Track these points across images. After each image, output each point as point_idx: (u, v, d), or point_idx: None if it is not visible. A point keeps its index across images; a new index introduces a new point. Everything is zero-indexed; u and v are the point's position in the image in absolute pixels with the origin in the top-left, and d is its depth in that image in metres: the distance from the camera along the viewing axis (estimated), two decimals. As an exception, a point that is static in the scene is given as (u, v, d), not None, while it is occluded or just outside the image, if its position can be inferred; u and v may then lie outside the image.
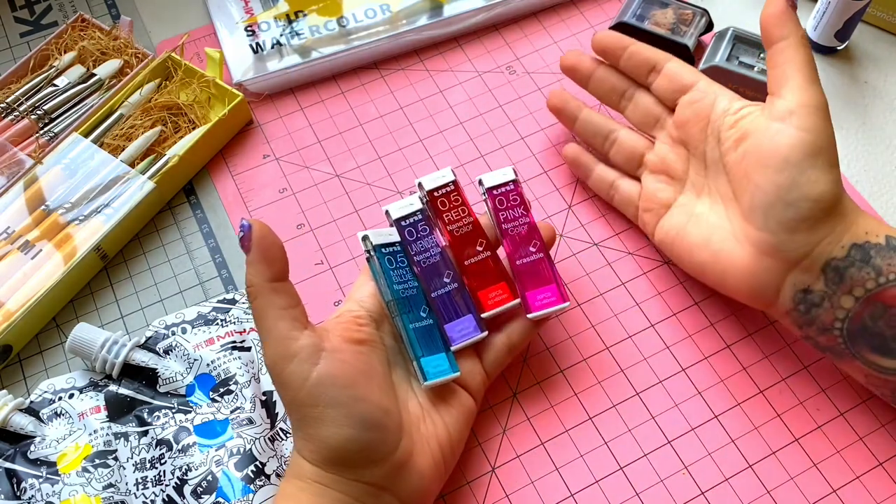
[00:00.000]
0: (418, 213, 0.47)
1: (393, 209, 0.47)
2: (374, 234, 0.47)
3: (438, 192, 0.48)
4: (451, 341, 0.45)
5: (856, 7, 0.58)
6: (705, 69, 0.59)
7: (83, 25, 0.63)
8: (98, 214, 0.54)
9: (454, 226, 0.47)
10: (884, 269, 0.42)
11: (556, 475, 0.47)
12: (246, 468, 0.46)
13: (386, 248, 0.46)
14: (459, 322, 0.46)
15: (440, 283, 0.46)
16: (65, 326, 0.53)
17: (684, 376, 0.50)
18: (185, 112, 0.59)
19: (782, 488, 0.46)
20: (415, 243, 0.47)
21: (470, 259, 0.47)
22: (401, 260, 0.47)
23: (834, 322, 0.43)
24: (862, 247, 0.42)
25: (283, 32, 0.62)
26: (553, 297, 0.47)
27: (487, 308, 0.46)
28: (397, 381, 0.45)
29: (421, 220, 0.47)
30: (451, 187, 0.48)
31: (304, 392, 0.39)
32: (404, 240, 0.47)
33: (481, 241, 0.47)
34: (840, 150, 0.57)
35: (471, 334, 0.46)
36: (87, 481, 0.46)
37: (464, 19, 0.63)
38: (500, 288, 0.47)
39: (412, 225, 0.47)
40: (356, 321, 0.44)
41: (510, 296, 0.47)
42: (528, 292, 0.47)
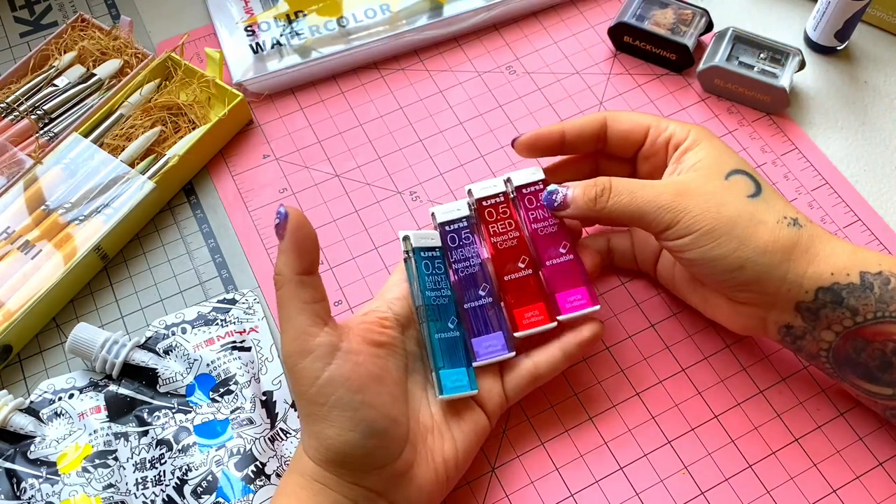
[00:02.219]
0: (464, 219, 0.47)
1: (439, 212, 0.47)
2: (416, 236, 0.46)
3: (487, 202, 0.47)
4: (476, 356, 0.45)
5: (856, 7, 0.58)
6: (705, 69, 0.59)
7: (83, 25, 0.63)
8: (98, 214, 0.54)
9: (499, 238, 0.46)
10: (860, 309, 0.41)
11: (556, 475, 0.47)
12: (246, 468, 0.46)
13: (425, 251, 0.46)
14: (488, 338, 0.45)
15: (475, 295, 0.45)
16: (65, 326, 0.53)
17: (684, 376, 0.50)
18: (185, 112, 0.59)
19: (782, 488, 0.46)
20: (456, 250, 0.46)
21: (510, 275, 0.46)
22: (438, 266, 0.46)
23: (819, 352, 0.44)
24: (830, 289, 0.42)
25: (283, 32, 0.62)
26: (583, 299, 0.46)
27: (522, 327, 0.45)
28: (412, 388, 0.44)
29: (466, 227, 0.47)
30: (502, 198, 0.47)
31: (315, 390, 0.39)
32: (445, 245, 0.46)
33: (524, 259, 0.46)
34: (840, 150, 0.58)
35: (498, 352, 0.45)
36: (87, 481, 0.46)
37: (464, 19, 0.63)
38: (537, 308, 0.45)
39: (456, 231, 0.46)
40: (381, 322, 0.44)
41: (547, 318, 0.45)
42: (558, 294, 0.46)
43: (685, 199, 0.43)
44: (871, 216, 0.55)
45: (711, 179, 0.43)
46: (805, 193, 0.56)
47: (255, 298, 0.53)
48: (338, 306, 0.53)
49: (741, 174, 0.44)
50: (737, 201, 0.43)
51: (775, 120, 0.59)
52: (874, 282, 0.41)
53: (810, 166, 0.57)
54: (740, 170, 0.44)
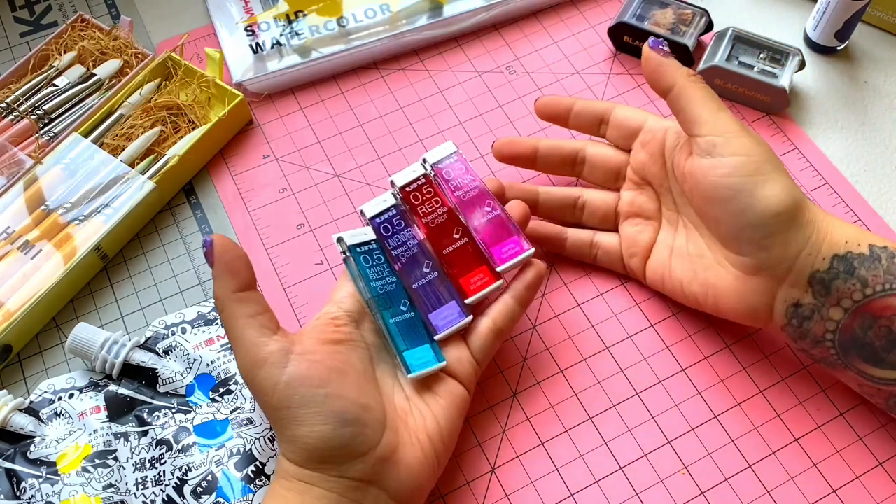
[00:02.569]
0: (392, 208, 0.48)
1: (367, 208, 0.48)
2: (349, 235, 0.47)
3: (411, 187, 0.48)
4: (437, 329, 0.45)
5: (856, 7, 0.58)
6: (705, 69, 0.59)
7: (83, 25, 0.63)
8: (98, 214, 0.54)
9: (429, 217, 0.48)
10: (869, 280, 0.42)
11: (556, 475, 0.47)
12: (246, 468, 0.46)
13: (361, 247, 0.47)
14: (443, 310, 0.46)
15: (420, 274, 0.46)
16: (65, 326, 0.53)
17: (684, 376, 0.50)
18: (185, 112, 0.59)
19: (782, 488, 0.46)
20: (391, 238, 0.47)
21: (448, 248, 0.47)
22: (377, 257, 0.47)
23: (825, 334, 0.44)
24: (844, 258, 0.42)
25: (283, 32, 0.62)
26: (517, 246, 0.47)
27: (470, 293, 0.46)
28: (382, 376, 0.45)
29: (395, 214, 0.47)
30: (423, 180, 0.49)
31: (277, 396, 0.40)
32: (380, 236, 0.47)
33: (457, 229, 0.47)
34: (840, 150, 0.58)
35: (455, 320, 0.46)
36: (87, 481, 0.46)
37: (464, 19, 0.63)
38: (480, 272, 0.47)
39: (387, 221, 0.47)
40: (333, 322, 0.44)
41: (491, 278, 0.47)
42: (491, 248, 0.47)
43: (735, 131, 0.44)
44: (871, 216, 0.55)
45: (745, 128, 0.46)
46: (805, 193, 0.56)
47: (254, 298, 0.53)
48: (338, 306, 0.53)
49: None
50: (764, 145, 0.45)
51: (775, 120, 0.59)
52: (881, 254, 0.42)
53: (810, 166, 0.57)
54: None
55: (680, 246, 0.49)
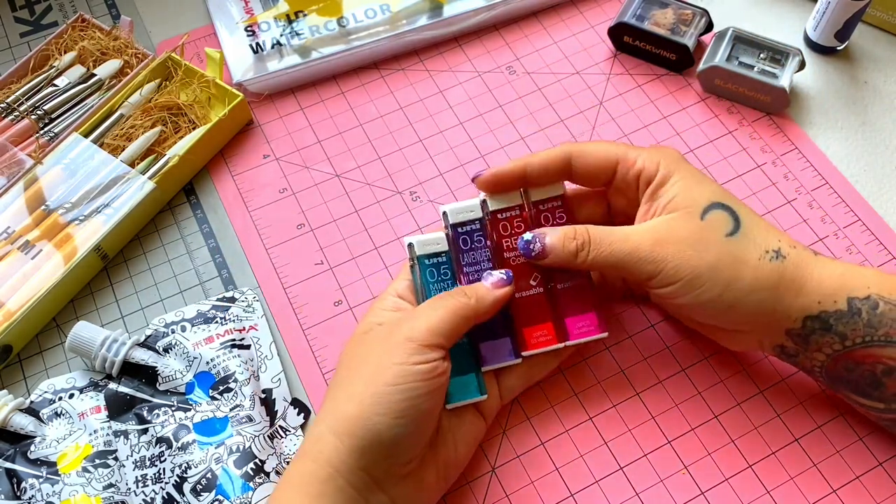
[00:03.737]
0: (477, 221, 0.46)
1: (451, 212, 0.46)
2: (420, 243, 0.45)
3: (503, 215, 0.46)
4: (484, 361, 0.45)
5: (856, 7, 0.58)
6: (705, 69, 0.59)
7: (83, 25, 0.63)
8: (98, 214, 0.54)
9: (512, 254, 0.46)
10: (848, 334, 0.42)
11: (556, 475, 0.47)
12: (245, 466, 0.46)
13: (430, 258, 0.46)
14: (496, 343, 0.45)
15: None
16: (65, 326, 0.53)
17: (684, 376, 0.50)
18: (185, 112, 0.59)
19: (782, 488, 0.46)
20: (467, 253, 0.46)
21: (521, 293, 0.46)
22: (444, 272, 0.46)
23: (813, 367, 0.44)
24: (818, 317, 0.42)
25: (283, 32, 0.62)
26: (591, 325, 0.46)
27: (530, 347, 0.45)
28: None
29: (478, 229, 0.46)
30: (518, 212, 0.47)
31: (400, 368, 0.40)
32: (457, 248, 0.46)
33: (535, 276, 0.46)
34: (840, 150, 0.58)
35: (505, 358, 0.45)
36: (88, 481, 0.46)
37: (464, 19, 0.63)
38: (545, 328, 0.46)
39: (468, 234, 0.46)
40: None
41: (554, 339, 0.46)
42: (567, 318, 0.46)
43: (664, 247, 0.42)
44: (871, 216, 0.55)
45: (687, 221, 0.43)
46: (805, 193, 0.56)
47: (254, 296, 0.53)
48: (338, 306, 0.53)
49: (718, 209, 0.43)
50: (716, 243, 0.42)
51: (775, 120, 0.59)
52: (861, 307, 0.42)
53: (810, 166, 0.57)
54: (716, 203, 0.43)
55: None
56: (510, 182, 0.47)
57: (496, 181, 0.47)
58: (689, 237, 0.42)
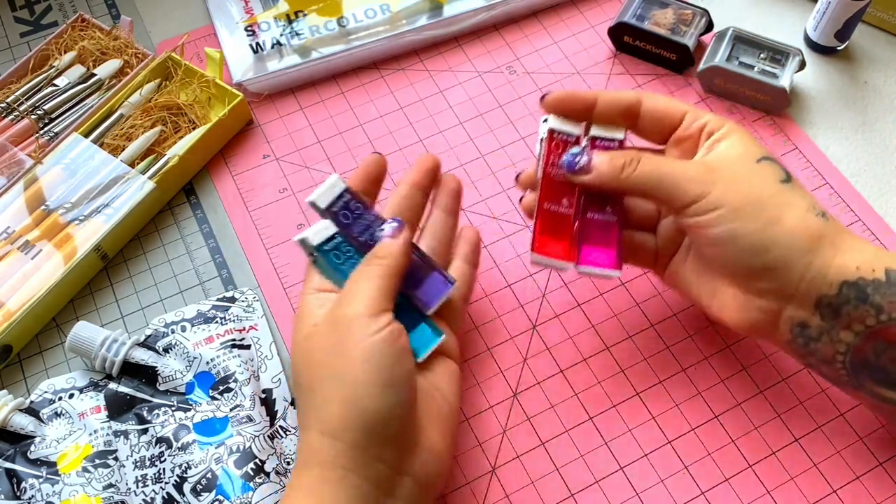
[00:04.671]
0: (345, 193, 0.45)
1: (319, 199, 0.45)
2: (311, 234, 0.44)
3: (558, 136, 0.46)
4: (427, 305, 0.44)
5: (856, 7, 0.58)
6: (705, 69, 0.59)
7: (83, 25, 0.63)
8: (98, 214, 0.54)
9: (555, 169, 0.46)
10: (885, 306, 0.39)
11: (556, 475, 0.47)
12: (245, 466, 0.46)
13: (327, 243, 0.44)
14: (426, 283, 0.45)
15: None
16: (65, 326, 0.53)
17: (684, 376, 0.50)
18: (185, 112, 0.59)
19: (782, 488, 0.46)
20: (354, 224, 0.45)
21: (550, 205, 0.45)
22: (346, 250, 0.45)
23: (835, 355, 0.41)
24: (855, 284, 0.40)
25: (283, 32, 0.62)
26: (607, 260, 0.45)
27: (539, 251, 0.45)
28: None
29: (350, 199, 0.45)
30: (574, 139, 0.46)
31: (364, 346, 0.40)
32: (340, 225, 0.45)
33: (570, 200, 0.46)
34: (840, 150, 0.58)
35: (441, 290, 0.45)
36: (88, 481, 0.46)
37: (464, 19, 0.63)
38: (561, 245, 0.45)
39: (345, 207, 0.45)
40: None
41: (565, 257, 0.45)
42: (584, 245, 0.45)
43: (716, 174, 0.42)
44: (871, 216, 0.55)
45: (743, 161, 0.43)
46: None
47: (254, 296, 0.53)
48: (338, 306, 0.53)
49: (772, 162, 0.43)
50: (768, 183, 0.42)
51: (775, 120, 0.59)
52: None
53: (810, 166, 0.57)
54: (771, 158, 0.43)
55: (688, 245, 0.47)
56: (577, 106, 0.46)
57: (564, 101, 0.46)
58: (742, 171, 0.42)
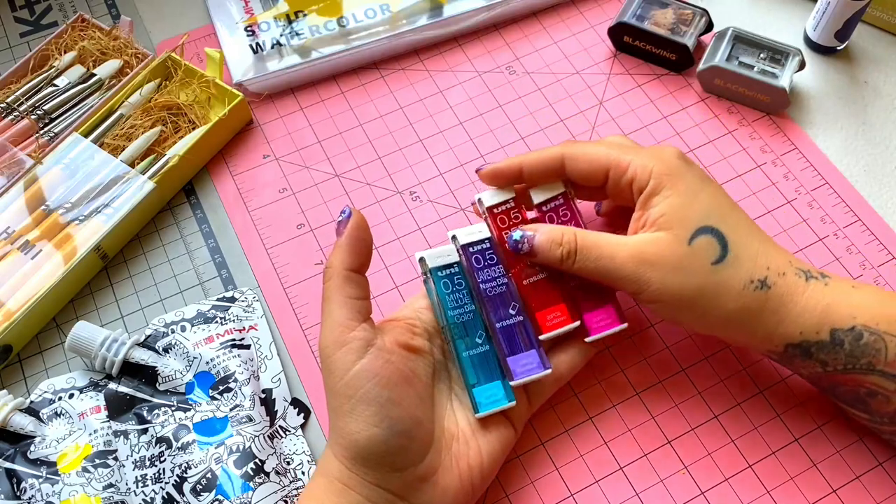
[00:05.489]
0: (486, 240, 0.46)
1: (461, 235, 0.46)
2: (431, 256, 0.46)
3: (498, 209, 0.47)
4: (514, 375, 0.44)
5: (856, 7, 0.58)
6: (705, 69, 0.59)
7: (83, 25, 0.63)
8: (98, 214, 0.54)
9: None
10: (829, 362, 0.42)
11: (556, 475, 0.47)
12: (245, 466, 0.46)
13: (443, 270, 0.46)
14: (523, 356, 0.44)
15: (506, 315, 0.45)
16: (65, 326, 0.53)
17: (684, 376, 0.50)
18: (185, 112, 0.59)
19: (782, 488, 0.46)
20: (482, 271, 0.46)
21: (529, 279, 0.46)
22: (458, 282, 0.46)
23: (801, 375, 0.45)
24: (799, 345, 0.42)
25: (283, 32, 0.62)
26: (609, 318, 0.46)
27: (546, 329, 0.45)
28: (438, 395, 0.44)
29: (489, 248, 0.46)
30: (512, 204, 0.47)
31: (345, 381, 0.40)
32: (471, 267, 0.46)
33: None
34: (840, 150, 0.58)
35: (534, 370, 0.44)
36: (87, 481, 0.46)
37: (464, 19, 0.63)
38: (558, 310, 0.45)
39: (480, 252, 0.46)
40: (411, 329, 0.44)
41: (568, 318, 0.45)
42: (586, 314, 0.46)
43: (648, 269, 0.42)
44: (871, 216, 0.55)
45: (675, 245, 0.42)
46: (805, 193, 0.56)
47: (254, 296, 0.53)
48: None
49: (706, 234, 0.43)
50: (701, 271, 0.42)
51: (775, 120, 0.59)
52: (845, 338, 0.42)
53: (810, 166, 0.57)
54: (706, 227, 0.43)
55: None
56: (508, 178, 0.48)
57: (494, 175, 0.48)
58: (674, 261, 0.42)
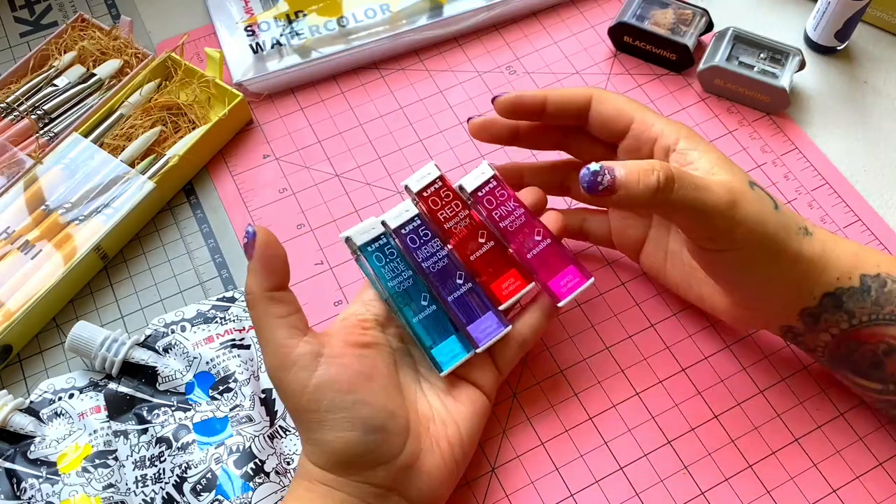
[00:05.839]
0: (416, 218, 0.46)
1: (390, 218, 0.46)
2: (357, 233, 0.45)
3: (428, 192, 0.47)
4: (478, 342, 0.44)
5: (856, 7, 0.58)
6: (705, 69, 0.59)
7: (83, 25, 0.63)
8: (98, 214, 0.54)
9: (451, 223, 0.46)
10: (856, 312, 0.42)
11: (556, 475, 0.47)
12: (245, 466, 0.46)
13: (371, 244, 0.45)
14: (481, 321, 0.44)
15: (454, 286, 0.45)
16: (65, 326, 0.53)
17: (684, 376, 0.50)
18: (185, 112, 0.59)
19: (782, 488, 0.46)
20: (420, 250, 0.45)
21: (475, 253, 0.46)
22: (390, 252, 0.45)
23: (816, 348, 0.45)
24: (833, 294, 0.42)
25: (283, 32, 0.62)
26: (575, 277, 0.45)
27: (504, 299, 0.45)
28: (405, 382, 0.44)
29: (420, 224, 0.46)
30: (440, 184, 0.47)
31: (305, 399, 0.40)
32: (407, 248, 0.45)
33: (482, 233, 0.46)
34: (840, 150, 0.58)
35: (495, 331, 0.44)
36: (87, 481, 0.46)
37: (464, 19, 0.63)
38: (511, 276, 0.45)
39: (413, 232, 0.46)
40: (361, 325, 0.44)
41: (523, 282, 0.45)
42: (549, 282, 0.45)
43: (740, 209, 0.40)
44: (871, 216, 0.55)
45: (746, 189, 0.41)
46: (805, 193, 0.56)
47: (254, 298, 0.53)
48: (338, 306, 0.53)
49: (755, 186, 0.43)
50: (772, 215, 0.41)
51: (775, 120, 0.59)
52: (872, 284, 0.42)
53: (810, 166, 0.57)
54: (753, 182, 0.43)
55: (674, 251, 0.48)
56: (529, 108, 0.46)
57: (516, 105, 0.46)
58: (754, 205, 0.41)
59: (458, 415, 0.44)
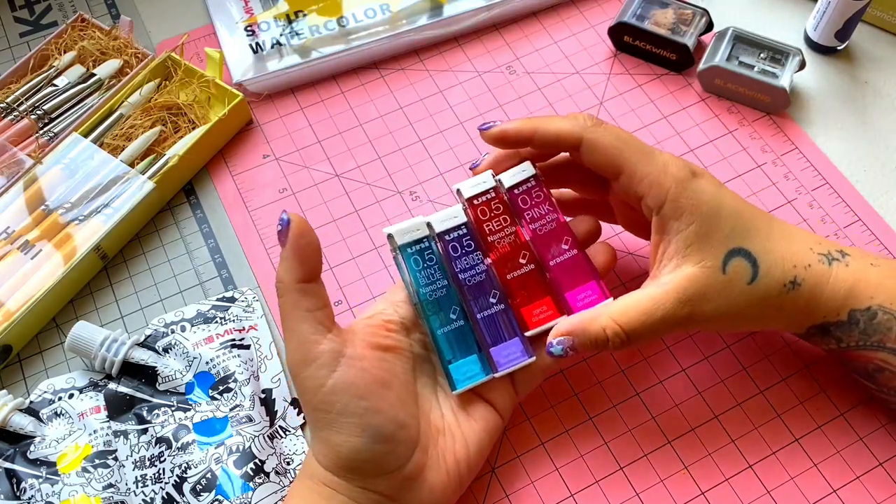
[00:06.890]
0: (463, 226, 0.45)
1: (436, 221, 0.45)
2: (399, 232, 0.44)
3: (479, 200, 0.45)
4: (498, 366, 0.43)
5: (856, 7, 0.58)
6: (705, 69, 0.59)
7: (83, 25, 0.63)
8: (98, 214, 0.54)
9: (496, 236, 0.45)
10: (843, 338, 0.44)
11: (556, 475, 0.47)
12: (245, 466, 0.46)
13: (412, 246, 0.44)
14: (506, 346, 0.43)
15: (486, 304, 0.44)
16: (65, 326, 0.53)
17: (684, 376, 0.50)
18: (184, 112, 0.59)
19: (782, 488, 0.46)
20: (459, 259, 0.44)
21: (513, 272, 0.45)
22: (429, 258, 0.44)
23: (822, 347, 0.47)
24: (819, 326, 0.44)
25: (283, 32, 0.62)
26: (594, 294, 0.44)
27: (532, 325, 0.44)
28: (422, 390, 0.44)
29: (466, 234, 0.45)
30: (493, 194, 0.45)
31: (319, 398, 0.39)
32: (448, 256, 0.44)
33: (524, 254, 0.45)
34: (840, 150, 0.58)
35: (518, 359, 0.43)
36: (87, 481, 0.46)
37: (464, 19, 0.63)
38: (544, 304, 0.44)
39: (456, 240, 0.45)
40: (385, 326, 0.43)
41: (555, 313, 0.44)
42: (567, 293, 0.44)
43: (696, 307, 0.41)
44: (871, 216, 0.55)
45: (712, 279, 0.42)
46: (805, 193, 0.56)
47: (254, 296, 0.53)
48: (338, 306, 0.53)
49: (737, 256, 0.42)
50: (741, 294, 0.42)
51: (775, 120, 0.59)
52: (860, 318, 0.43)
53: (810, 166, 0.57)
54: (735, 250, 0.42)
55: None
56: (515, 141, 0.46)
57: (502, 138, 0.46)
58: (717, 290, 0.42)
59: (469, 431, 0.43)
